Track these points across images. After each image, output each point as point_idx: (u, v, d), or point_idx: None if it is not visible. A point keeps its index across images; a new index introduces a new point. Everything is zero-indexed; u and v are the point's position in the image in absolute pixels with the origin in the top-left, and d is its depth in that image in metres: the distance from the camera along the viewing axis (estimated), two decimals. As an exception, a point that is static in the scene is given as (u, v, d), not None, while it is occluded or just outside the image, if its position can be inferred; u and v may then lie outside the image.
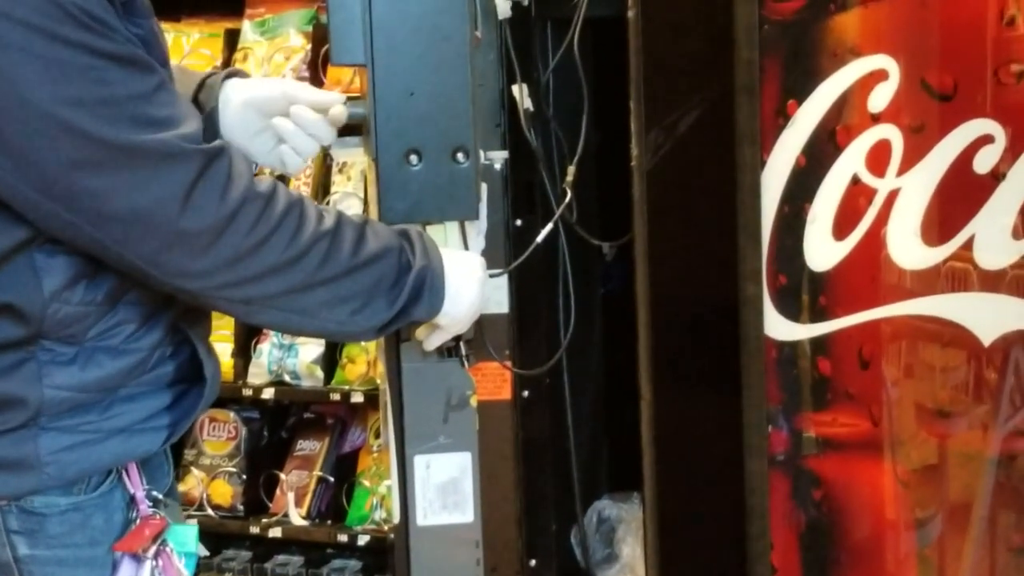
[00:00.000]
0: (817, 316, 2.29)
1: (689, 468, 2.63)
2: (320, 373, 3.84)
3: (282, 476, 3.95)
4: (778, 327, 2.31)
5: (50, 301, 1.71)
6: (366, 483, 3.63)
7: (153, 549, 1.84)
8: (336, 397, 3.78)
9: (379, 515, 3.55)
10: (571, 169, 2.55)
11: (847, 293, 2.28)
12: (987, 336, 2.24)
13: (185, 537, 1.90)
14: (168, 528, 1.86)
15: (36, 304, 1.70)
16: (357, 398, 3.67)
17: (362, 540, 3.65)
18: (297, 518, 3.85)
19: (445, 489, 2.55)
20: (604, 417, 3.10)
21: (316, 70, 3.94)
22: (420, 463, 2.48)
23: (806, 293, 2.30)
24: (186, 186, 1.66)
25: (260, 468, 4.10)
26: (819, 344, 2.29)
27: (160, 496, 1.88)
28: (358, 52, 2.07)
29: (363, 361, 3.57)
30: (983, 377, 2.29)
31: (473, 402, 2.55)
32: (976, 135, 2.17)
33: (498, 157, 2.44)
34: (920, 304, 2.25)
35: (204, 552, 2.00)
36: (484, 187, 2.15)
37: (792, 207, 2.27)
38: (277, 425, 4.23)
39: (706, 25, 2.40)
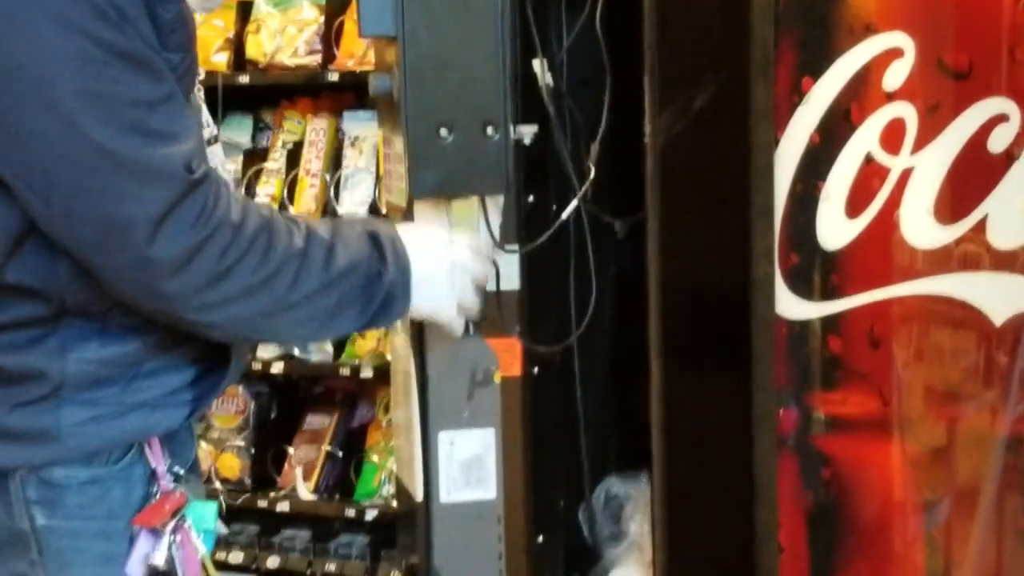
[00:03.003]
0: (829, 295, 2.28)
1: (697, 446, 2.62)
2: (329, 348, 3.84)
3: (290, 450, 3.96)
4: (789, 306, 2.30)
5: (68, 283, 1.71)
6: (375, 458, 3.64)
7: (172, 524, 1.84)
8: (345, 372, 3.79)
9: (387, 490, 3.56)
10: (594, 147, 2.53)
11: (859, 272, 2.27)
12: (999, 317, 2.23)
13: (205, 513, 1.90)
14: (188, 504, 1.86)
15: (55, 286, 1.71)
16: (366, 373, 3.68)
17: (370, 515, 3.66)
18: (305, 492, 3.86)
19: (469, 465, 2.56)
20: (614, 395, 3.10)
21: (329, 44, 3.93)
22: (444, 439, 2.49)
23: (818, 272, 2.29)
24: (161, 210, 1.65)
25: (268, 442, 4.11)
26: (830, 323, 2.29)
27: (182, 472, 1.88)
28: (388, 23, 2.05)
29: (373, 336, 3.57)
30: (994, 359, 2.28)
31: (497, 378, 2.55)
32: (991, 114, 2.16)
33: (527, 132, 2.43)
34: (932, 284, 2.24)
35: (223, 530, 2.00)
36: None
37: (805, 185, 2.26)
38: (286, 399, 4.23)
39: (721, 2, 2.39)
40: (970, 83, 2.17)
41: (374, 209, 3.91)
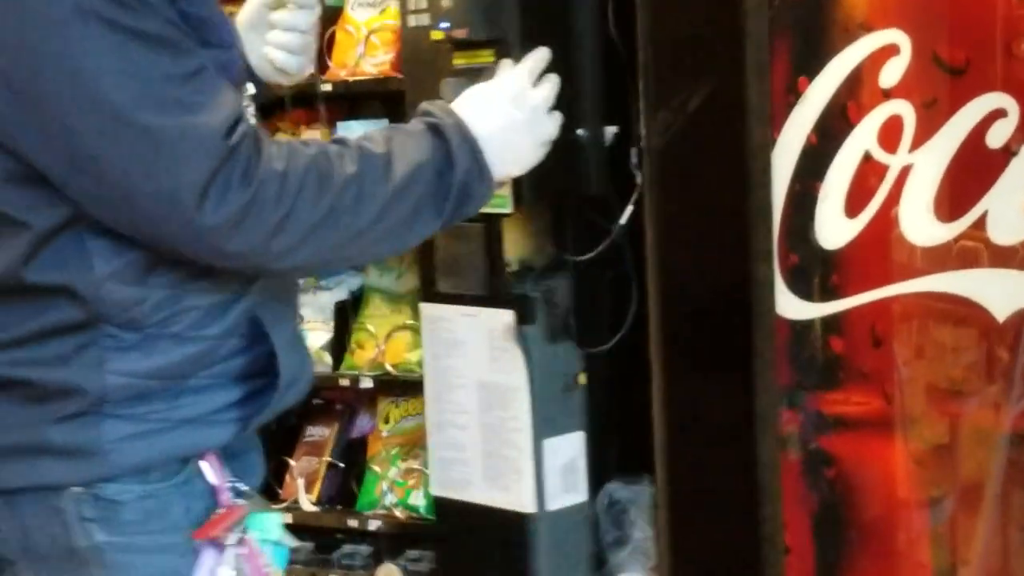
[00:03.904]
0: (829, 295, 2.28)
1: (701, 448, 2.62)
2: (328, 359, 3.82)
3: (292, 462, 3.95)
4: (790, 306, 2.30)
5: (103, 282, 1.69)
6: (376, 468, 3.62)
7: (234, 537, 1.82)
8: (345, 383, 3.77)
9: (389, 500, 3.54)
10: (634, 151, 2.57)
11: (859, 271, 2.27)
12: (1001, 313, 2.23)
13: (267, 524, 1.87)
14: (249, 516, 1.83)
15: (90, 285, 1.68)
16: (366, 383, 3.66)
17: (372, 525, 3.64)
18: (308, 504, 3.84)
19: (565, 470, 2.57)
20: (615, 399, 3.09)
21: (322, 54, 3.92)
22: (548, 448, 2.51)
23: (818, 272, 2.29)
24: (203, 178, 1.64)
25: (270, 455, 4.09)
26: (831, 323, 2.29)
27: (246, 488, 1.84)
28: None
29: (372, 346, 3.55)
30: (996, 355, 2.28)
31: (582, 380, 2.56)
32: (989, 109, 2.16)
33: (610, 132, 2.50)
34: (933, 281, 2.24)
35: (293, 543, 1.97)
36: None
37: (803, 185, 2.27)
38: (286, 411, 4.22)
39: (716, 2, 2.39)
40: (967, 79, 2.17)
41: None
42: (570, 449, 2.59)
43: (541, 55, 2.06)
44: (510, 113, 1.94)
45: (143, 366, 1.72)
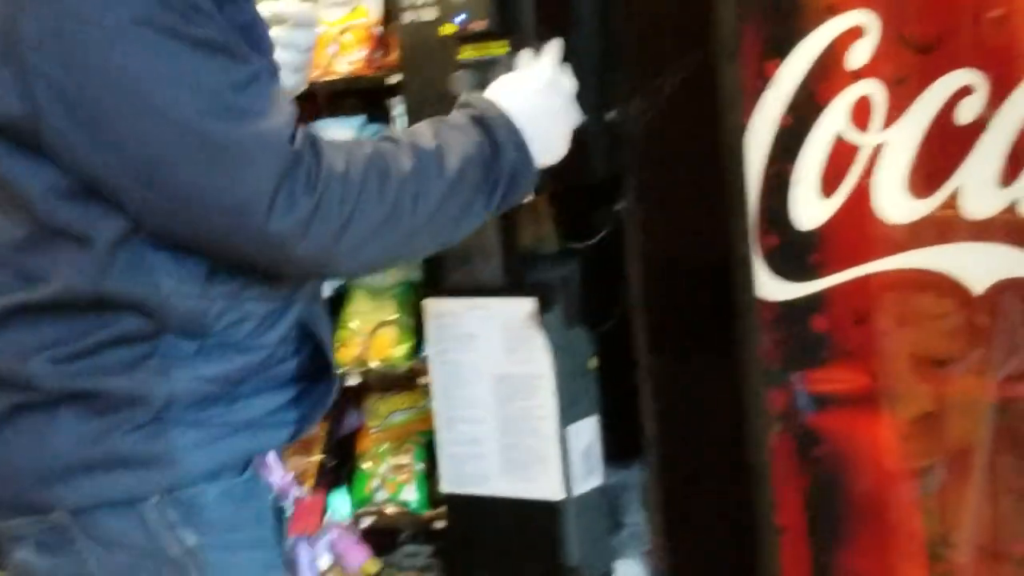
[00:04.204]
0: (809, 274, 2.30)
1: (690, 432, 2.64)
2: (313, 358, 3.84)
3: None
4: (772, 287, 2.32)
5: (168, 294, 1.68)
6: (366, 465, 3.63)
7: (323, 526, 1.83)
8: (331, 381, 3.79)
9: (380, 497, 3.55)
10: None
11: (838, 250, 2.28)
12: (978, 286, 2.24)
13: (338, 505, 1.88)
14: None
15: (156, 297, 1.67)
16: (353, 380, 3.67)
17: (365, 522, 3.65)
18: (300, 503, 3.86)
19: (586, 455, 2.60)
20: (601, 385, 3.11)
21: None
22: (572, 433, 2.54)
23: (797, 252, 2.30)
24: (272, 185, 1.63)
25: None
26: (813, 302, 2.30)
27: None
28: None
29: (357, 344, 3.56)
30: (976, 326, 2.30)
31: (593, 364, 2.59)
32: (958, 86, 2.17)
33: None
34: (910, 257, 2.26)
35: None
36: None
37: (778, 167, 2.28)
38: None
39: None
40: (935, 56, 2.18)
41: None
42: (588, 433, 2.63)
43: (559, 43, 2.05)
44: (547, 101, 1.94)
45: (206, 373, 1.71)
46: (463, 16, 2.57)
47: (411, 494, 3.47)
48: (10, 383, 1.70)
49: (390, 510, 3.49)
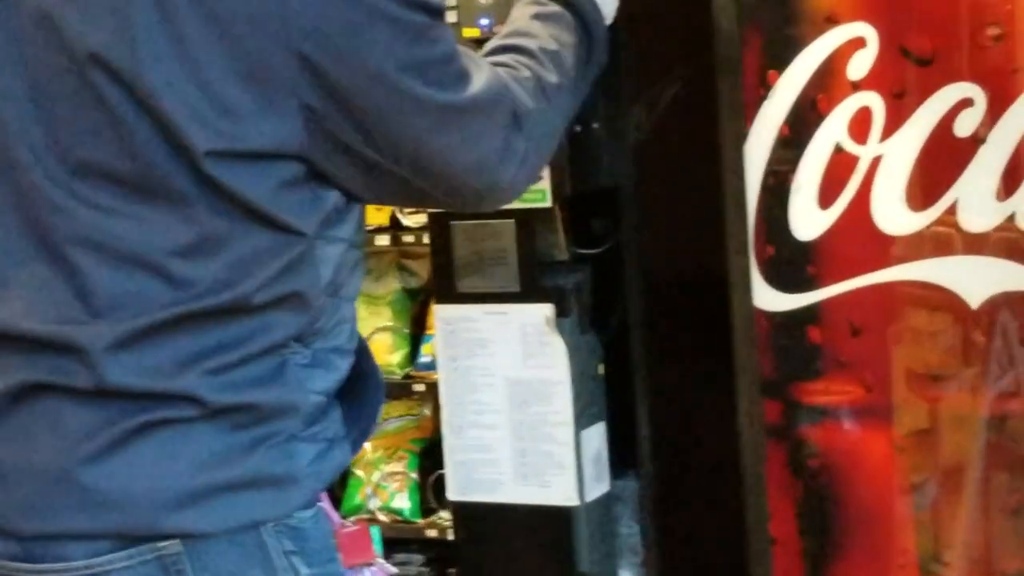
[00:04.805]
0: (806, 285, 2.30)
1: (685, 441, 2.64)
2: (309, 364, 3.84)
3: (275, 469, 3.96)
4: (768, 298, 2.31)
5: (323, 291, 1.57)
6: (359, 472, 3.62)
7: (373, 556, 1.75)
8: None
9: (373, 504, 3.55)
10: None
11: (835, 261, 2.29)
12: (975, 299, 2.24)
13: (376, 537, 1.81)
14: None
15: (316, 293, 1.56)
16: (347, 388, 3.68)
17: (357, 530, 3.66)
18: (292, 510, 3.85)
19: (596, 461, 2.61)
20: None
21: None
22: (584, 439, 2.55)
23: (794, 263, 2.30)
24: (505, 132, 1.65)
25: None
26: (809, 313, 2.30)
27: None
28: None
29: (352, 351, 3.57)
30: (972, 340, 2.30)
31: (601, 370, 2.60)
32: (956, 99, 2.17)
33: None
34: (907, 270, 2.26)
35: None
36: None
37: (776, 178, 2.28)
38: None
39: (684, -1, 2.41)
40: (934, 69, 2.19)
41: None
42: (598, 439, 2.64)
43: None
44: None
45: (326, 382, 1.60)
46: (487, 20, 2.58)
47: (404, 502, 3.46)
48: (152, 399, 1.50)
49: (383, 518, 3.49)
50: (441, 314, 2.77)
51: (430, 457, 3.39)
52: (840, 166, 2.24)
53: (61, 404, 1.51)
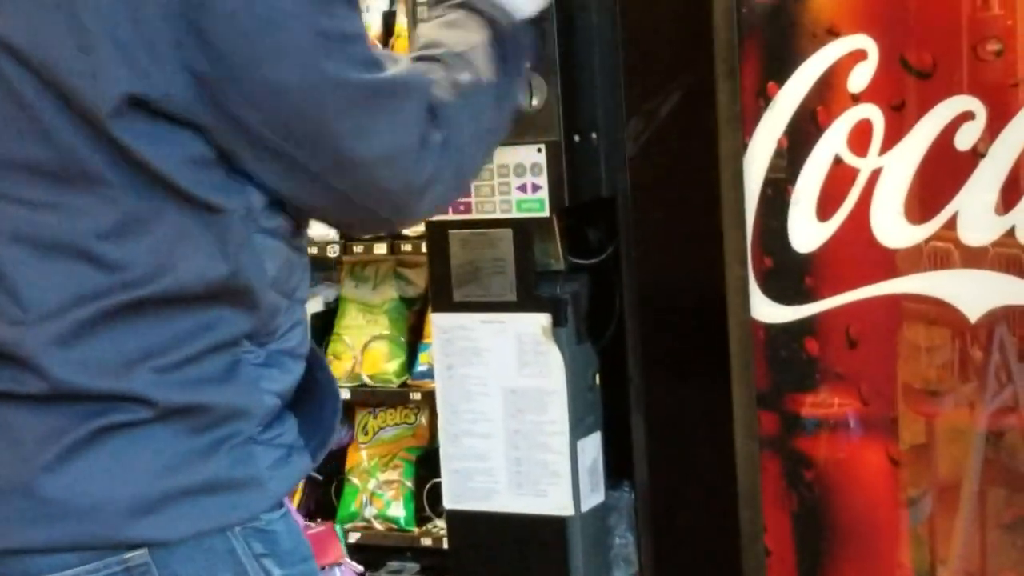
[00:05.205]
0: (803, 297, 2.29)
1: (680, 452, 2.63)
2: (305, 371, 3.84)
3: (270, 476, 3.95)
4: (765, 309, 2.31)
5: (269, 286, 1.53)
6: (355, 480, 3.62)
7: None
8: (324, 394, 3.78)
9: (369, 512, 3.54)
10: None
11: (833, 273, 2.28)
12: (973, 313, 2.24)
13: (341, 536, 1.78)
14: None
15: (260, 287, 1.51)
16: (343, 395, 3.67)
17: (352, 538, 3.64)
18: (287, 517, 3.85)
19: (592, 471, 2.62)
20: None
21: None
22: (580, 448, 2.56)
23: (792, 275, 2.30)
24: (423, 124, 1.56)
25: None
26: (806, 325, 2.30)
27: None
28: None
29: (349, 357, 3.56)
30: (969, 354, 2.30)
31: (597, 380, 2.61)
32: (956, 112, 2.17)
33: None
34: (906, 283, 2.26)
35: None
36: None
37: (775, 189, 2.28)
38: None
39: (684, 9, 2.41)
40: (934, 82, 2.18)
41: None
42: (593, 449, 2.65)
43: None
44: None
45: (280, 385, 1.56)
46: None
47: (399, 510, 3.46)
48: (100, 401, 1.46)
49: (378, 526, 3.49)
50: (438, 322, 2.77)
51: (426, 465, 3.40)
52: (839, 178, 2.24)
53: (11, 413, 1.47)
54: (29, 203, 1.45)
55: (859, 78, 2.21)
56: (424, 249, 2.97)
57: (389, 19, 3.97)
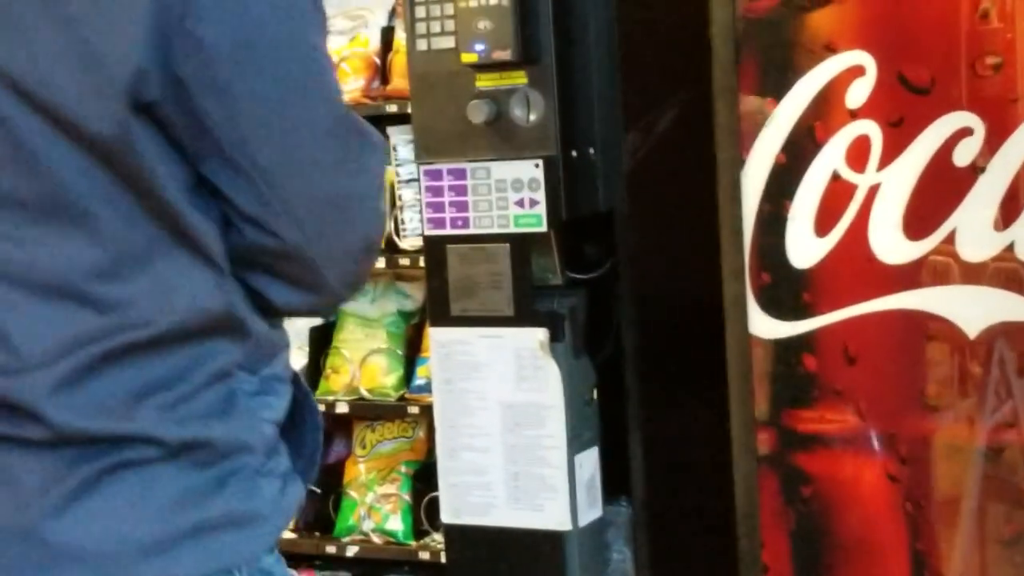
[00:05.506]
0: (801, 313, 2.29)
1: (677, 468, 2.63)
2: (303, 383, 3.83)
3: (268, 489, 3.95)
4: (763, 325, 2.31)
5: (257, 313, 1.47)
6: (353, 493, 3.61)
7: None
8: (320, 408, 3.78)
9: (367, 526, 3.54)
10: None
11: (831, 289, 2.28)
12: (972, 329, 2.24)
13: None
14: None
15: (252, 316, 1.47)
16: (341, 408, 3.66)
17: (350, 551, 3.63)
18: (285, 531, 3.84)
19: (589, 486, 2.62)
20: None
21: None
22: (577, 463, 2.57)
23: (790, 291, 2.30)
24: (380, 177, 1.51)
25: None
26: (804, 341, 2.29)
27: None
28: None
29: (347, 371, 3.55)
30: (968, 370, 2.29)
31: (594, 394, 2.62)
32: (955, 128, 2.17)
33: None
34: (904, 299, 2.25)
35: None
36: None
37: (773, 205, 2.28)
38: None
39: (682, 25, 2.40)
40: (933, 98, 2.18)
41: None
42: (591, 464, 2.65)
43: None
44: None
45: (275, 412, 1.50)
46: (484, 45, 2.59)
47: (397, 524, 3.45)
48: (105, 443, 1.41)
49: (376, 539, 3.48)
50: (436, 336, 2.77)
51: (423, 479, 3.39)
52: (837, 194, 2.24)
53: (13, 457, 1.41)
54: (16, 239, 1.38)
55: (857, 94, 2.21)
56: (422, 263, 2.97)
57: (388, 34, 3.97)
